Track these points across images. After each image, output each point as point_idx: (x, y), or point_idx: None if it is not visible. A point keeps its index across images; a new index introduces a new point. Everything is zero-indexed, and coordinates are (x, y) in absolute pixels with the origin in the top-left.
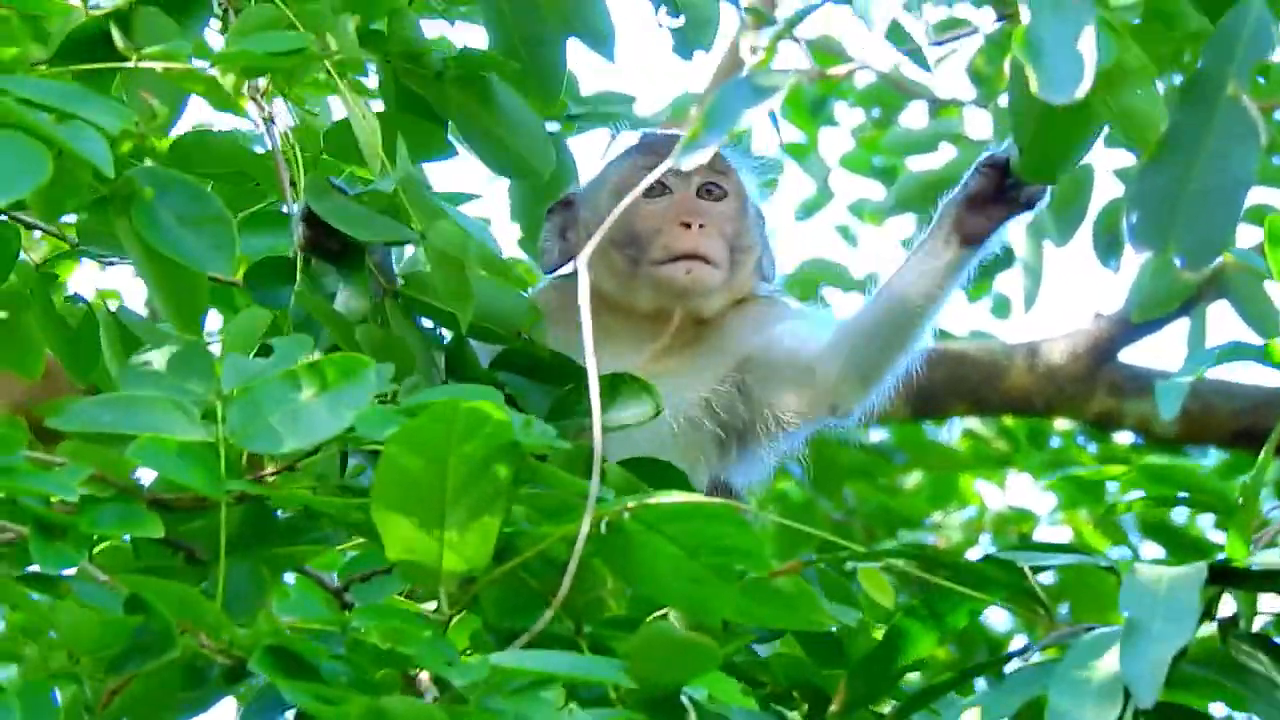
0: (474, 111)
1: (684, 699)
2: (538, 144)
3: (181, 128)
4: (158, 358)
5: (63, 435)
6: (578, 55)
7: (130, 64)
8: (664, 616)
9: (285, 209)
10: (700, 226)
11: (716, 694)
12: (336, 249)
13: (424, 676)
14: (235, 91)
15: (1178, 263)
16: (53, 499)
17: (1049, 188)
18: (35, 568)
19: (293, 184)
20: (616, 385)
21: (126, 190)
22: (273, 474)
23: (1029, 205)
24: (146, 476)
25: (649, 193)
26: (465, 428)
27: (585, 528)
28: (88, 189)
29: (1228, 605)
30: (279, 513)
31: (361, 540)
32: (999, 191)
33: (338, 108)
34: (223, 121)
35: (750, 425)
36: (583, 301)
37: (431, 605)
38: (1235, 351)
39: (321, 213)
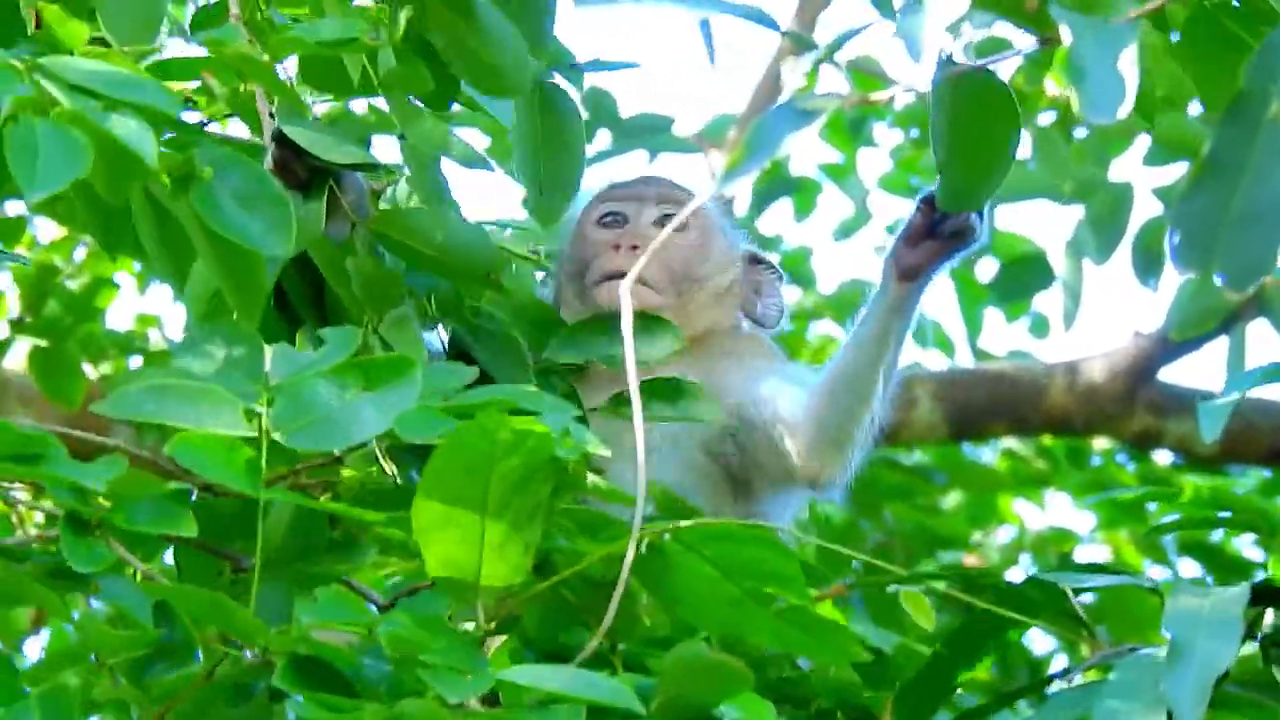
0: (455, 25)
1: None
2: (517, 60)
3: None
4: (216, 340)
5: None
6: (618, 80)
7: (182, 50)
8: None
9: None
10: (633, 248)
11: (749, 715)
12: (304, 176)
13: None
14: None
15: (1220, 283)
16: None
17: (980, 224)
18: None
19: (272, 116)
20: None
21: (185, 170)
22: (318, 465)
23: (958, 238)
24: None
25: (606, 223)
26: (509, 443)
27: (631, 552)
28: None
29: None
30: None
31: (400, 564)
32: (932, 226)
33: None
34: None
35: (749, 476)
36: (625, 327)
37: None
38: (1277, 372)
39: (291, 134)
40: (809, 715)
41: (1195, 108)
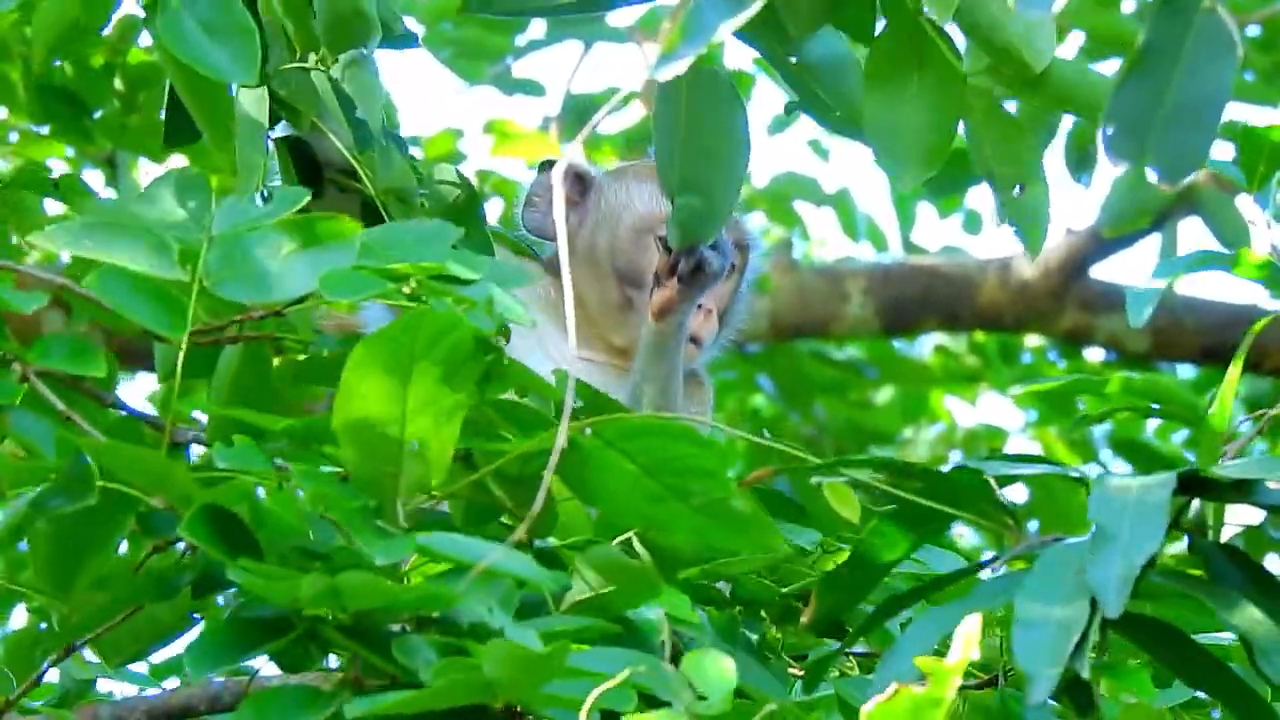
0: None
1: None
2: None
3: None
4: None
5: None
6: None
7: None
8: (627, 544)
9: None
10: (707, 312)
11: (669, 609)
12: None
13: None
14: None
15: (1154, 177)
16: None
17: (717, 254)
18: None
19: None
20: None
21: None
22: (256, 318)
23: (699, 275)
24: None
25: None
26: (430, 339)
27: (559, 447)
28: None
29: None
30: None
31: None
32: (672, 266)
33: None
34: None
35: None
36: (559, 228)
37: None
38: (1204, 260)
39: None
40: (731, 616)
41: (1129, 4)
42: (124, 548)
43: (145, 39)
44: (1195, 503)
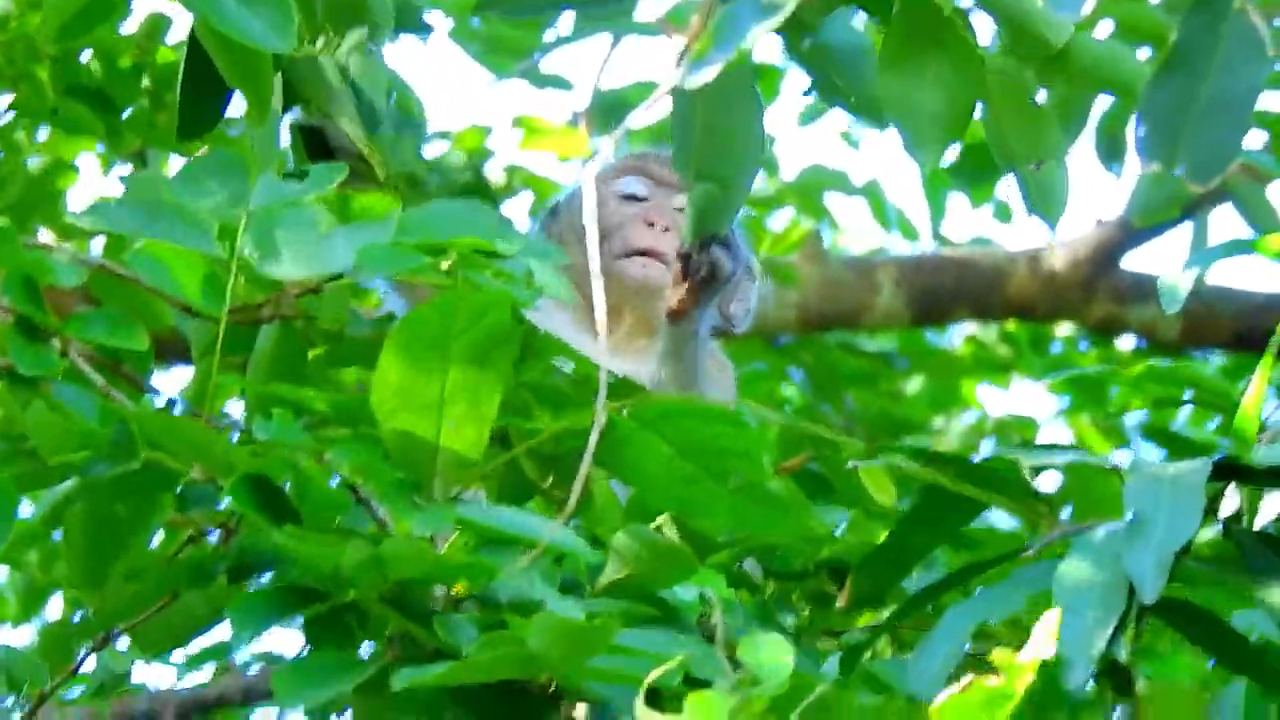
0: None
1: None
2: None
3: None
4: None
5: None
6: None
7: None
8: (658, 527)
9: None
10: (665, 230)
11: (706, 586)
12: None
13: None
14: None
15: (1183, 175)
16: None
17: (726, 258)
18: None
19: None
20: None
21: None
22: (296, 295)
23: (712, 278)
24: None
25: (628, 199)
26: (468, 317)
27: (597, 429)
28: None
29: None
30: None
31: None
32: (685, 269)
33: None
34: None
35: None
36: (589, 220)
37: None
38: (1236, 246)
39: None
40: (763, 600)
41: None
42: (157, 541)
43: (173, 36)
44: (1230, 488)
